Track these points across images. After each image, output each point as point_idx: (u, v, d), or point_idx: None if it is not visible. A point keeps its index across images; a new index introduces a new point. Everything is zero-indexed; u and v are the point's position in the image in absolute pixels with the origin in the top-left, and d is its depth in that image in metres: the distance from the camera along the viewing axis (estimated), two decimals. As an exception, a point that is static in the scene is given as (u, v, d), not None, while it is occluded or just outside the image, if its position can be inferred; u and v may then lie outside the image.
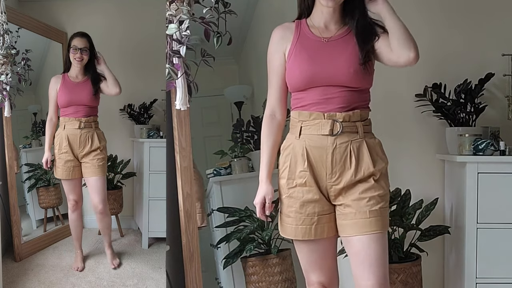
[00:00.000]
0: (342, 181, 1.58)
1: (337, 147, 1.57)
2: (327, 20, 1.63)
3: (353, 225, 1.56)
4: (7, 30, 2.80)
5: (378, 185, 1.59)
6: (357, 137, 1.59)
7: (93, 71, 2.90)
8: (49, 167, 2.93)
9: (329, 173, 1.59)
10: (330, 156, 1.58)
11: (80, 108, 2.87)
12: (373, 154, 1.60)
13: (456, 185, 2.50)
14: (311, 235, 1.61)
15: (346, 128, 1.57)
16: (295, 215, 1.62)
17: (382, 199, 1.59)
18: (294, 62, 1.61)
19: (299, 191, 1.61)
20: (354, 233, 1.56)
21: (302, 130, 1.61)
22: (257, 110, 2.79)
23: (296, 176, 1.61)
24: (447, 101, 2.54)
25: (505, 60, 2.58)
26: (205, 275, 2.30)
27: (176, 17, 1.88)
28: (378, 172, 1.59)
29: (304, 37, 1.63)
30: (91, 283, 2.81)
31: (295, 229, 1.62)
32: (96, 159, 2.88)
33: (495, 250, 2.36)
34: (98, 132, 2.93)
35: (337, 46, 1.60)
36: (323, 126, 1.57)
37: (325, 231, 1.62)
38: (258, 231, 2.42)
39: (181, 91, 1.96)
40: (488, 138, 2.44)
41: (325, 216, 1.61)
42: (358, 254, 1.57)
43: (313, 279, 1.71)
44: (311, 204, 1.60)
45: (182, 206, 2.17)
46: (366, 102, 1.65)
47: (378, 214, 1.56)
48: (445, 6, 2.65)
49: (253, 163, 2.69)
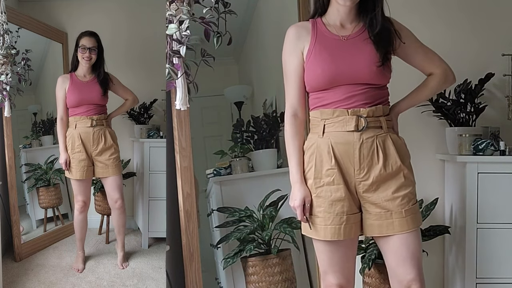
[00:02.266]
0: (371, 176, 1.58)
1: (364, 142, 1.58)
2: (343, 19, 1.63)
3: (389, 225, 1.58)
4: (7, 30, 2.80)
5: (408, 181, 1.61)
6: (381, 132, 1.60)
7: (101, 70, 2.91)
8: (67, 168, 2.91)
9: (357, 169, 1.59)
10: (358, 151, 1.58)
11: (91, 107, 2.88)
12: (398, 149, 1.61)
13: (456, 185, 2.50)
14: (340, 235, 1.59)
15: (371, 123, 1.58)
16: (324, 215, 1.60)
17: (413, 196, 1.62)
18: (314, 62, 1.61)
19: (327, 190, 1.60)
20: (392, 232, 1.58)
21: (326, 128, 1.60)
22: (257, 110, 2.79)
23: (323, 175, 1.60)
24: (447, 101, 2.53)
25: (505, 60, 2.58)
26: (205, 275, 2.30)
27: (176, 17, 1.88)
28: (405, 167, 1.61)
29: (322, 36, 1.63)
30: (91, 283, 2.81)
31: (324, 229, 1.60)
32: (113, 159, 2.90)
33: (495, 250, 2.36)
34: (110, 130, 2.95)
35: (356, 44, 1.60)
36: (347, 122, 1.58)
37: (352, 231, 1.61)
38: (258, 231, 2.42)
39: (181, 91, 1.96)
40: (488, 138, 2.44)
41: (353, 215, 1.61)
42: (397, 251, 1.59)
43: (332, 280, 1.68)
44: (339, 203, 1.59)
45: (182, 206, 2.17)
46: (386, 98, 1.66)
47: (413, 211, 1.59)
48: (445, 6, 2.65)
49: (253, 163, 2.69)
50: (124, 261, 3.03)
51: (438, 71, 1.70)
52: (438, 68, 1.70)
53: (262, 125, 2.72)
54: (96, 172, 2.91)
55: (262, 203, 2.47)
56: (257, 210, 2.47)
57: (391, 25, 1.61)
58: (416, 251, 1.59)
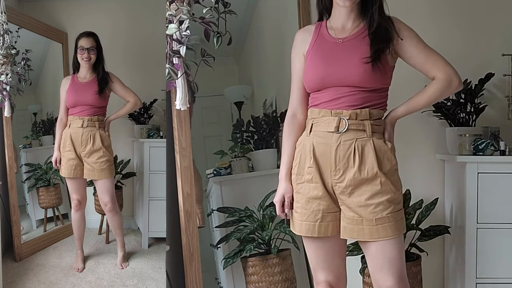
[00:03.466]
0: (345, 179, 1.58)
1: (341, 143, 1.58)
2: (344, 20, 1.64)
3: (359, 231, 1.57)
4: (7, 30, 2.79)
5: (385, 188, 1.57)
6: (364, 135, 1.58)
7: (100, 70, 2.91)
8: (58, 166, 2.93)
9: (333, 170, 1.59)
10: (334, 152, 1.58)
11: (85, 108, 2.87)
12: (379, 155, 1.58)
13: (456, 185, 2.50)
14: (314, 232, 1.62)
15: (352, 126, 1.58)
16: (300, 211, 1.64)
17: (391, 204, 1.57)
18: (309, 64, 1.64)
19: (306, 187, 1.63)
20: (363, 238, 1.58)
21: (313, 127, 1.63)
22: (257, 110, 2.79)
23: (305, 172, 1.63)
24: (447, 101, 2.53)
25: (505, 60, 2.58)
26: (205, 275, 2.30)
27: (176, 17, 1.88)
28: (383, 175, 1.57)
29: (322, 39, 1.65)
30: (91, 283, 2.81)
31: (300, 224, 1.64)
32: (100, 162, 2.86)
33: (495, 250, 2.36)
34: (102, 133, 2.90)
35: (350, 46, 1.60)
36: (330, 123, 1.59)
37: (329, 229, 1.62)
38: (258, 231, 2.42)
39: (181, 91, 1.96)
40: (488, 138, 2.44)
41: (331, 214, 1.62)
42: (374, 257, 1.59)
43: (321, 277, 1.70)
44: (316, 200, 1.61)
45: (182, 206, 2.17)
46: (380, 102, 1.62)
47: (386, 220, 1.55)
48: (445, 6, 2.65)
49: (253, 163, 2.69)
50: (124, 261, 3.03)
51: (441, 76, 1.60)
52: (441, 72, 1.60)
53: (262, 125, 2.72)
54: (85, 174, 2.91)
55: (262, 203, 2.47)
56: (257, 210, 2.47)
57: (390, 23, 1.60)
58: (394, 258, 1.57)
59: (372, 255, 1.60)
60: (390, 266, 1.57)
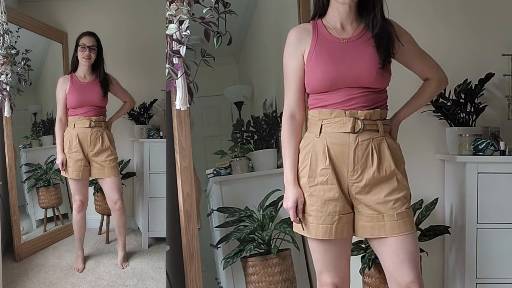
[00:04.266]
0: (364, 179, 1.59)
1: (359, 144, 1.58)
2: (343, 19, 1.63)
3: (381, 228, 1.58)
4: (7, 30, 2.80)
5: (401, 186, 1.60)
6: (378, 135, 1.60)
7: (101, 71, 2.91)
8: (64, 168, 2.92)
9: (350, 170, 1.59)
10: (352, 153, 1.58)
11: (90, 108, 2.89)
12: (393, 154, 1.62)
13: (456, 185, 2.50)
14: (331, 235, 1.60)
15: (367, 126, 1.59)
16: (316, 214, 1.62)
17: (406, 200, 1.61)
18: (315, 65, 1.61)
19: (321, 189, 1.61)
20: (384, 234, 1.58)
21: (323, 128, 1.61)
22: (257, 110, 2.79)
23: (317, 174, 1.61)
24: (447, 101, 2.53)
25: (505, 60, 2.58)
26: (205, 275, 2.30)
27: (176, 17, 1.88)
28: (399, 172, 1.61)
29: (323, 39, 1.63)
30: (91, 283, 2.81)
31: (316, 228, 1.62)
32: (109, 160, 2.91)
33: (495, 250, 2.36)
34: (108, 132, 2.95)
35: (357, 47, 1.60)
36: (345, 123, 1.58)
37: (344, 231, 1.62)
38: (258, 231, 2.42)
39: (181, 91, 1.96)
40: (488, 138, 2.44)
41: (345, 215, 1.62)
42: (394, 253, 1.58)
43: (326, 279, 1.69)
44: (332, 202, 1.60)
45: (182, 206, 2.17)
46: (385, 102, 1.66)
47: (405, 215, 1.58)
48: (445, 6, 2.65)
49: (253, 163, 2.69)
50: (124, 261, 3.03)
51: (435, 77, 1.74)
52: (434, 74, 1.74)
53: (262, 125, 2.72)
54: (93, 173, 2.92)
55: (262, 203, 2.47)
56: (257, 210, 2.47)
57: (391, 27, 1.61)
58: (414, 252, 1.59)
59: (392, 251, 1.59)
60: (411, 260, 1.57)
